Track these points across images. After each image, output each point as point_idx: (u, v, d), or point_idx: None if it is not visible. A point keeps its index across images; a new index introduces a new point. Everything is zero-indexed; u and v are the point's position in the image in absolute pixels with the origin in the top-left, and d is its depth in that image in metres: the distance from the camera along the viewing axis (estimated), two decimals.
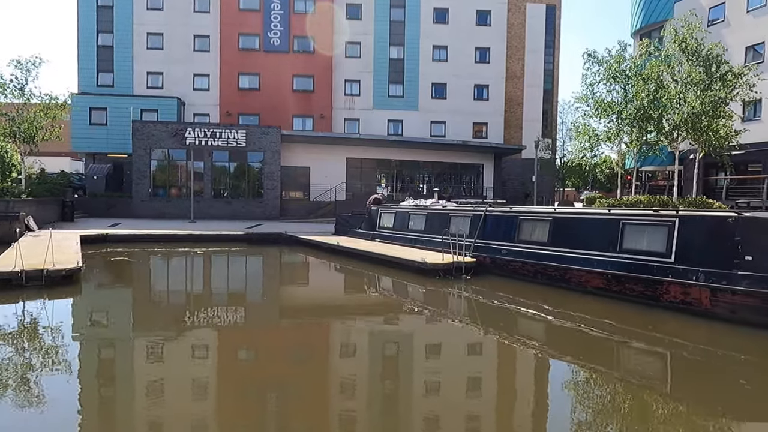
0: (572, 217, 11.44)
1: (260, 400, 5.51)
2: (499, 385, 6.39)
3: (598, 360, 7.13)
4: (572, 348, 7.64)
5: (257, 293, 12.40)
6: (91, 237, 18.50)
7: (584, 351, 7.47)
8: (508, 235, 12.63)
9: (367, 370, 6.65)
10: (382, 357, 7.30)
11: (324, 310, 10.24)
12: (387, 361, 7.14)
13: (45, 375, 5.93)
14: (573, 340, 8.04)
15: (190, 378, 5.97)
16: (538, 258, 11.57)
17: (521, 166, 40.28)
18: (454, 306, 10.82)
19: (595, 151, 21.53)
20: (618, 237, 10.03)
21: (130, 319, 9.16)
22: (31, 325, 8.11)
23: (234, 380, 6.06)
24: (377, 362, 7.03)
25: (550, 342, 8.12)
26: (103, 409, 5.23)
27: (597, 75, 21.32)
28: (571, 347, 7.70)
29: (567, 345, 7.85)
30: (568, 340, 8.06)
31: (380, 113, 36.80)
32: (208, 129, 28.96)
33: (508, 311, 9.92)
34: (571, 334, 8.38)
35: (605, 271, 10.04)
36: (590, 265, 10.36)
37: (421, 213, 16.30)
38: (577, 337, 8.12)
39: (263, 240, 20.59)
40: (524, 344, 7.94)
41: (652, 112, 18.88)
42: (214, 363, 6.86)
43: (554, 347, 7.81)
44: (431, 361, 7.16)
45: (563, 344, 7.92)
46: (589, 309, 9.64)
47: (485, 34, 38.08)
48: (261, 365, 6.85)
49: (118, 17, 34.65)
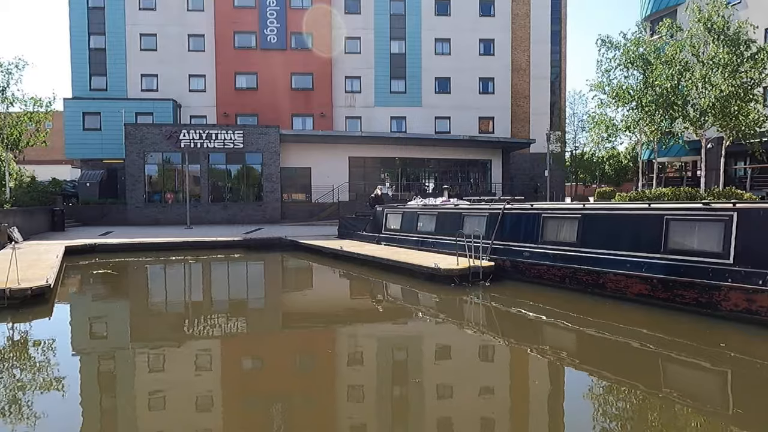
0: (605, 213, 10.11)
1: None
2: (532, 413, 5.12)
3: (648, 380, 5.90)
4: (614, 365, 6.42)
5: (253, 308, 11.12)
6: (79, 248, 17.32)
7: (629, 369, 6.24)
8: (530, 235, 11.32)
9: (379, 394, 5.41)
10: (397, 382, 6.03)
11: (326, 327, 8.96)
12: (404, 387, 5.86)
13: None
14: (614, 355, 6.78)
15: (181, 418, 4.72)
16: (567, 260, 10.26)
17: (530, 160, 38.96)
18: (473, 317, 9.52)
19: (613, 141, 20.13)
20: (662, 235, 8.71)
21: (107, 346, 7.92)
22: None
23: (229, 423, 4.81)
24: (391, 388, 5.77)
25: (589, 358, 6.82)
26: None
27: (613, 61, 20.01)
28: (612, 363, 6.50)
29: (608, 361, 6.61)
30: (609, 356, 6.80)
31: (382, 110, 35.56)
32: (203, 130, 27.78)
33: (536, 323, 8.62)
34: (611, 348, 7.12)
35: (649, 275, 8.72)
36: (630, 268, 9.05)
37: (430, 213, 15.01)
38: (620, 353, 6.88)
39: (262, 246, 19.35)
40: (559, 360, 6.66)
41: (675, 97, 17.50)
42: (209, 401, 5.60)
43: (593, 363, 6.54)
44: (448, 380, 5.89)
45: (603, 360, 6.67)
46: (630, 319, 8.35)
47: (489, 25, 36.76)
48: (253, 401, 5.60)
49: (110, 18, 33.56)
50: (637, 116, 19.11)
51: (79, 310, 10.31)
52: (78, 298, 11.39)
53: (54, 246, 16.24)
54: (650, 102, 18.63)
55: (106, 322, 9.50)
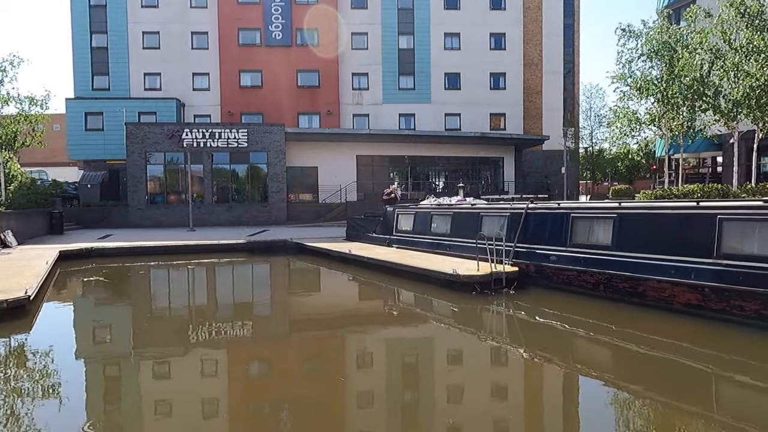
0: (645, 213, 9.06)
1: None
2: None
3: (699, 403, 5.09)
4: (660, 385, 5.52)
5: (257, 318, 10.19)
6: (74, 252, 16.50)
7: (675, 391, 5.40)
8: (557, 237, 10.30)
9: (400, 414, 4.46)
10: (423, 412, 5.07)
11: (335, 341, 8.01)
12: (431, 415, 4.90)
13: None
14: (659, 375, 5.79)
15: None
16: (600, 265, 9.24)
17: (542, 158, 37.81)
18: (498, 329, 8.52)
19: (636, 136, 19.04)
20: (714, 238, 7.67)
21: (93, 367, 6.99)
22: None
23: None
24: (416, 414, 4.81)
25: (632, 377, 5.81)
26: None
27: (635, 51, 18.91)
28: (657, 384, 5.59)
29: (652, 381, 5.68)
30: (653, 376, 5.84)
31: (391, 107, 34.56)
32: (206, 129, 26.92)
33: (572, 337, 7.63)
34: (655, 366, 6.18)
35: (700, 283, 7.69)
36: (676, 275, 8.02)
37: (445, 213, 14.01)
38: (666, 372, 5.93)
39: (266, 249, 18.43)
40: (600, 380, 5.66)
41: (705, 88, 16.37)
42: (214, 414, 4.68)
43: (636, 381, 5.57)
44: (475, 403, 4.93)
45: (646, 380, 5.72)
46: (676, 332, 7.39)
47: (500, 18, 35.64)
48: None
49: (112, 16, 32.83)
50: (662, 109, 17.98)
51: (63, 326, 9.25)
52: (63, 311, 10.42)
53: (47, 251, 15.41)
54: (676, 93, 17.52)
55: (92, 338, 8.60)
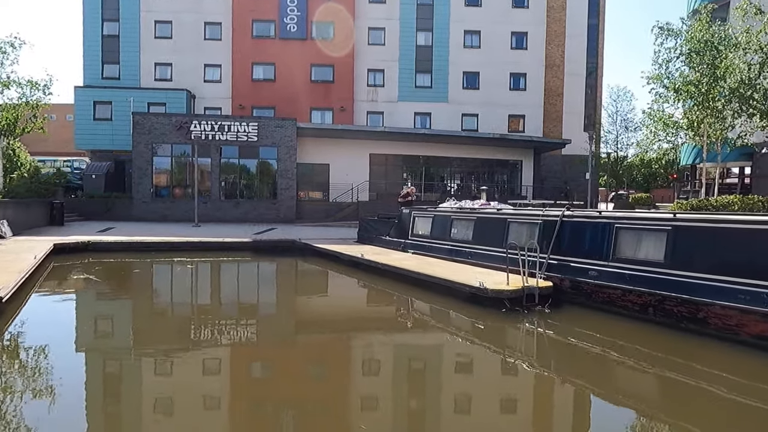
0: (707, 226, 7.89)
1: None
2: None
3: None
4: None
5: (255, 324, 9.14)
6: (70, 245, 15.58)
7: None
8: (598, 250, 9.16)
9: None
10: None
11: (340, 345, 6.94)
12: None
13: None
14: (724, 420, 4.69)
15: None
16: (650, 284, 8.09)
17: (561, 162, 36.56)
18: (529, 351, 7.40)
19: (672, 141, 17.78)
20: None
21: (68, 382, 5.95)
22: None
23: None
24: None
25: (689, 417, 4.73)
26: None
27: (674, 50, 17.68)
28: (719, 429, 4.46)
29: (713, 424, 4.57)
30: (715, 418, 4.72)
31: (406, 105, 33.44)
32: (215, 122, 25.98)
33: (620, 367, 6.50)
34: (717, 407, 5.06)
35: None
36: (747, 301, 6.86)
37: (467, 218, 12.89)
38: (733, 416, 4.78)
39: (273, 249, 17.41)
40: (644, 416, 4.57)
41: (754, 90, 15.11)
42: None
43: (698, 424, 4.47)
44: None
45: (709, 423, 4.60)
46: (745, 369, 6.36)
47: (522, 17, 34.41)
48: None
49: (124, 4, 32.04)
50: (702, 114, 16.71)
51: (41, 330, 8.23)
52: (46, 313, 9.41)
53: (41, 243, 14.51)
54: (717, 97, 16.27)
55: (73, 348, 7.58)
